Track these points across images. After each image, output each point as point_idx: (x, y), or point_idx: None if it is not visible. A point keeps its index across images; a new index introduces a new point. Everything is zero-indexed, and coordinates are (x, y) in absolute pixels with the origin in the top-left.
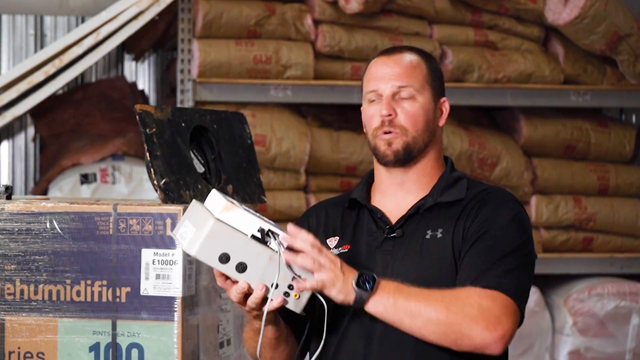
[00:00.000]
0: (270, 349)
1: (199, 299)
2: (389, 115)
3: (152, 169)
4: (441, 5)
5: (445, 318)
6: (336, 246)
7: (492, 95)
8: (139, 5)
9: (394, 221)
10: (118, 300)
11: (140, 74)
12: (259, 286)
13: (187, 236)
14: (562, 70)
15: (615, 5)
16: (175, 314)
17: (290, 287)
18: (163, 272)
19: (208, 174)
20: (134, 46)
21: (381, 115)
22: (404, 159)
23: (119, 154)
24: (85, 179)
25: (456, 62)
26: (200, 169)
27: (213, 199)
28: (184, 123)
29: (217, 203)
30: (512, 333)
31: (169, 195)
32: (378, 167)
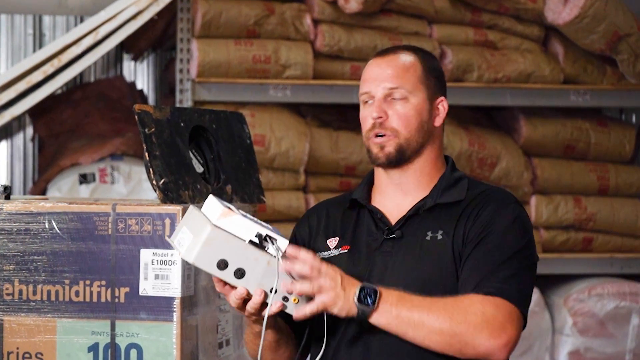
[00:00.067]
0: (271, 351)
1: (198, 299)
2: (380, 117)
3: (151, 169)
4: (441, 5)
5: (449, 327)
6: (336, 246)
7: (492, 95)
8: (138, 4)
9: (393, 222)
10: (117, 300)
11: (139, 74)
12: (257, 292)
13: (185, 243)
14: (562, 70)
15: (615, 4)
16: (174, 314)
17: (289, 292)
18: (162, 273)
19: (207, 174)
20: (133, 46)
21: (372, 118)
22: (396, 161)
23: (118, 154)
24: (84, 178)
25: (456, 62)
26: (199, 168)
27: (210, 204)
28: (183, 123)
29: (215, 209)
30: (516, 339)
31: (167, 195)
32: (377, 168)
